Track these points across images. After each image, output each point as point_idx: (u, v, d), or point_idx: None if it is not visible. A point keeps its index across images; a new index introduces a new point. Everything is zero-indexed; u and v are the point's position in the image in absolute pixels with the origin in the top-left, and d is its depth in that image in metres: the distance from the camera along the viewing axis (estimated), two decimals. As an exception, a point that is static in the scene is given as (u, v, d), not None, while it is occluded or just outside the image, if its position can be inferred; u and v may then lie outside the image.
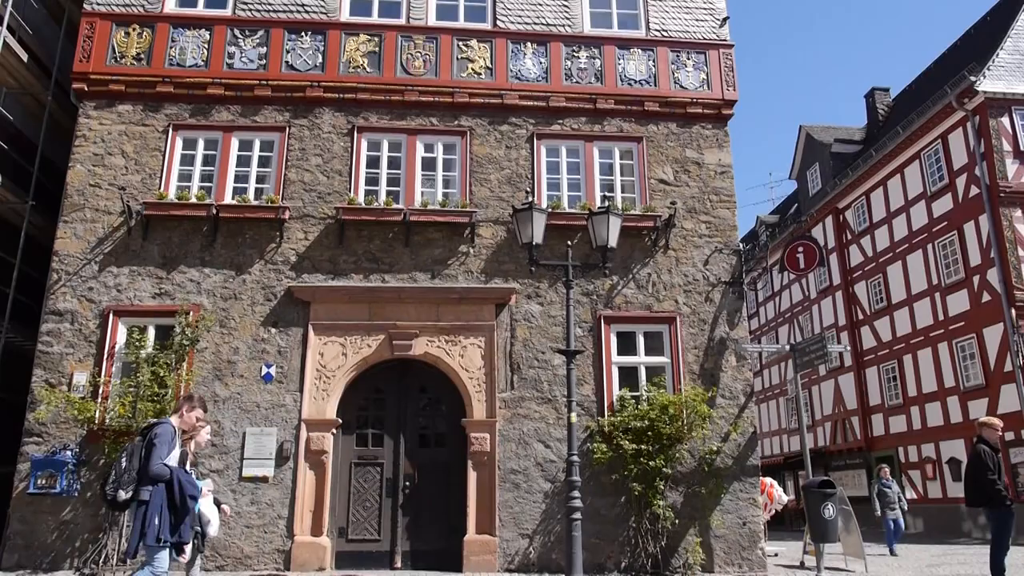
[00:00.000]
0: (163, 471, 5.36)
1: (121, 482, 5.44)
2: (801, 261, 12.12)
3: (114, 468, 5.51)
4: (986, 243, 18.00)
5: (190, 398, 5.99)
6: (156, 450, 5.38)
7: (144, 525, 5.29)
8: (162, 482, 5.37)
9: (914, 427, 20.73)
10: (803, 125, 28.50)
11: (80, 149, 10.93)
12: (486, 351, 10.57)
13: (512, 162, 11.46)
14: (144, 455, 5.44)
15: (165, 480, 5.38)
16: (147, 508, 5.31)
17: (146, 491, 5.35)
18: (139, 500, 5.37)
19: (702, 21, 12.52)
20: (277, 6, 11.79)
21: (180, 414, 5.85)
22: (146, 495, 5.34)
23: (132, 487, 5.42)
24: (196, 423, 6.04)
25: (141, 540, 5.30)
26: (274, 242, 10.77)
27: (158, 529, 5.30)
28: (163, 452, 5.40)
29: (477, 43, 11.88)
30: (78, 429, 9.70)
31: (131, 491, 5.42)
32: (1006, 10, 21.03)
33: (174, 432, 5.61)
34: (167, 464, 5.40)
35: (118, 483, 5.44)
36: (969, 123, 18.68)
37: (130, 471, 5.45)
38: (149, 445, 5.43)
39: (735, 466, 10.51)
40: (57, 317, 10.20)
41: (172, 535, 5.39)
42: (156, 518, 5.31)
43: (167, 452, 5.43)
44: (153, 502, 5.33)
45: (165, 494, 5.38)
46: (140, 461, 5.45)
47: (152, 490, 5.35)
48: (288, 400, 10.15)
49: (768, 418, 29.65)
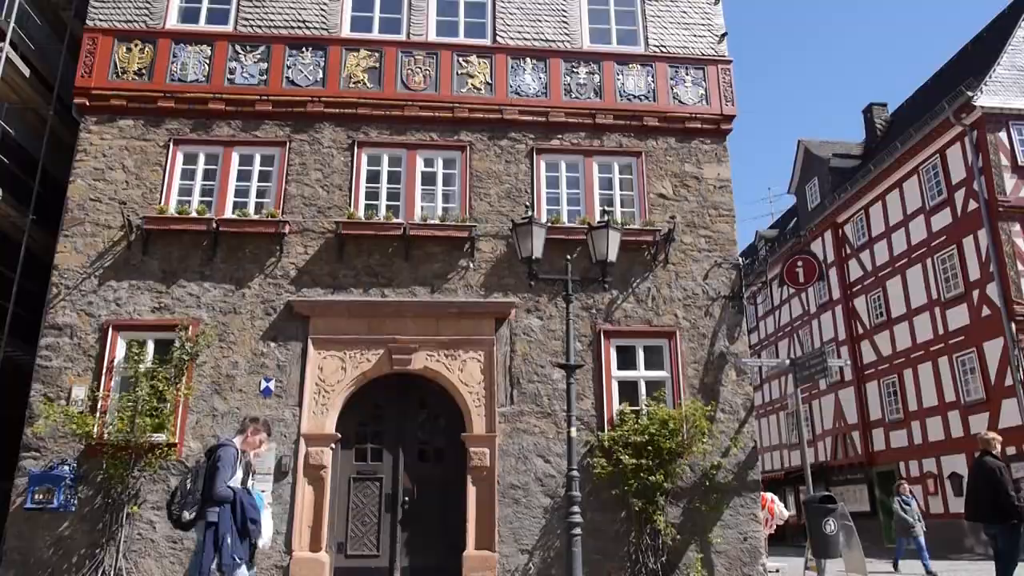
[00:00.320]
0: (227, 494, 5.58)
1: (186, 503, 5.65)
2: (801, 275, 12.12)
3: (179, 488, 5.74)
4: (985, 257, 18.02)
5: (256, 420, 6.27)
6: (220, 473, 5.60)
7: (218, 545, 5.51)
8: (226, 504, 5.58)
9: (915, 442, 20.67)
10: (801, 140, 28.61)
11: (81, 164, 10.97)
12: (486, 365, 10.55)
13: (512, 177, 11.50)
14: (208, 477, 5.63)
15: (228, 502, 5.59)
16: (217, 528, 5.53)
17: (213, 512, 5.56)
18: (208, 521, 5.57)
19: (700, 37, 12.60)
20: (278, 22, 11.87)
21: (245, 435, 6.06)
22: (214, 516, 5.55)
23: (196, 508, 5.63)
24: (259, 445, 6.25)
25: (218, 559, 5.49)
26: (274, 256, 10.78)
27: (231, 548, 5.54)
28: (227, 475, 5.62)
29: (477, 59, 11.95)
30: (76, 444, 9.66)
31: (195, 512, 5.63)
32: (1003, 26, 21.17)
33: (237, 454, 5.81)
34: (231, 486, 5.61)
35: (183, 503, 5.66)
36: (967, 138, 18.75)
37: (195, 492, 5.66)
38: (213, 467, 5.64)
39: (736, 481, 10.46)
40: (56, 331, 10.19)
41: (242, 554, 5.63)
42: (228, 537, 5.54)
43: (231, 474, 5.65)
44: (223, 523, 5.55)
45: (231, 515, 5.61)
46: (205, 483, 5.65)
47: (220, 511, 5.57)
48: (287, 415, 10.12)
49: (768, 433, 29.55)
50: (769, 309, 30.41)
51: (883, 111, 26.71)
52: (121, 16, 11.63)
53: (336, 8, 12.05)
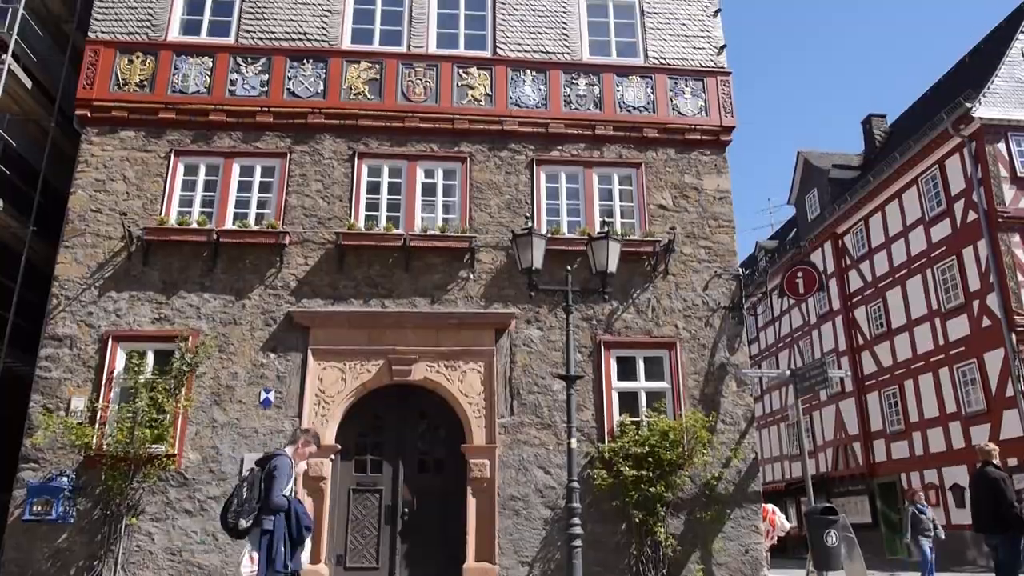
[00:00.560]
0: (283, 503, 5.72)
1: (243, 511, 5.74)
2: (801, 286, 12.12)
3: (235, 497, 5.82)
4: (985, 268, 18.02)
5: (306, 431, 6.37)
6: (276, 482, 5.72)
7: (271, 553, 5.64)
8: (281, 512, 5.71)
9: (916, 453, 20.60)
10: (801, 151, 28.66)
11: (82, 175, 10.99)
12: (486, 376, 10.53)
13: (512, 188, 11.52)
14: (265, 486, 5.75)
15: (283, 511, 5.73)
16: (272, 537, 5.66)
17: (269, 520, 5.68)
18: (263, 529, 5.68)
19: (700, 49, 12.66)
20: (279, 34, 11.93)
21: (296, 446, 6.17)
22: (269, 524, 5.67)
23: (252, 516, 5.72)
24: (309, 456, 6.38)
25: (269, 567, 5.61)
26: (274, 267, 10.79)
27: (284, 556, 5.67)
28: (283, 484, 5.75)
29: (477, 70, 12.00)
30: (75, 455, 9.63)
31: (251, 520, 5.72)
32: (1000, 38, 21.27)
33: (292, 464, 5.94)
34: (286, 496, 5.75)
35: (240, 512, 5.74)
36: (966, 149, 18.80)
37: (251, 501, 5.75)
38: (269, 477, 5.76)
39: (736, 492, 10.43)
40: (56, 342, 10.19)
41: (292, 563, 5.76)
42: (281, 546, 5.68)
43: (286, 483, 5.78)
44: (277, 532, 5.69)
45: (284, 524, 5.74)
46: (260, 492, 5.75)
47: (275, 520, 5.69)
48: (287, 426, 10.10)
49: (769, 444, 29.47)
50: (769, 320, 30.39)
51: (882, 122, 26.79)
52: (123, 28, 11.69)
53: (337, 20, 12.11)
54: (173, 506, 9.65)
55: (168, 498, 9.66)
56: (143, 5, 11.87)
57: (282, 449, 6.16)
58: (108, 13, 11.75)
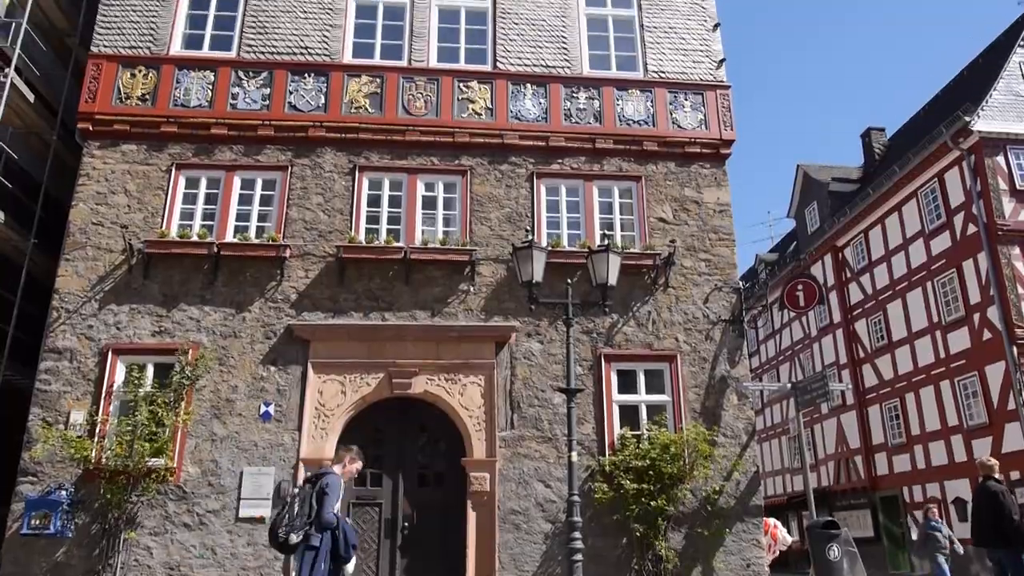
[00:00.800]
0: (333, 520, 5.88)
1: (293, 526, 5.87)
2: (801, 299, 12.12)
3: (286, 512, 5.94)
4: (985, 281, 18.03)
5: (350, 449, 6.52)
6: (328, 499, 5.87)
7: (312, 570, 5.79)
8: (330, 529, 5.86)
9: (918, 466, 20.53)
10: (800, 164, 28.74)
11: (83, 188, 11.02)
12: (486, 389, 10.51)
13: (512, 201, 11.55)
14: (317, 503, 5.88)
15: (332, 528, 5.87)
16: (317, 554, 5.81)
17: (316, 537, 5.82)
18: (309, 545, 5.81)
19: (699, 63, 12.72)
20: (281, 48, 11.99)
21: (343, 464, 6.35)
22: (316, 541, 5.82)
23: (302, 532, 5.84)
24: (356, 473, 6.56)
25: None
26: (275, 280, 10.79)
27: (325, 573, 5.83)
28: (333, 501, 5.90)
29: (478, 84, 12.05)
30: (74, 468, 9.58)
31: (301, 535, 5.84)
32: (998, 53, 21.39)
33: (341, 483, 6.11)
34: (335, 513, 5.90)
35: (291, 527, 5.87)
36: (965, 162, 18.86)
37: (302, 516, 5.88)
38: (320, 494, 5.90)
39: (738, 506, 10.38)
40: (56, 355, 10.17)
41: None
42: (323, 563, 5.83)
43: (336, 501, 5.93)
44: (322, 549, 5.84)
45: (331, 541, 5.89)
46: (311, 508, 5.88)
47: (321, 537, 5.83)
48: (286, 439, 10.07)
49: (771, 457, 29.36)
50: (770, 333, 30.36)
51: (881, 136, 26.89)
52: (126, 43, 11.75)
53: (338, 35, 12.18)
54: (172, 520, 9.60)
55: (167, 512, 9.62)
56: (146, 19, 11.94)
57: (331, 468, 6.28)
58: (111, 27, 11.83)
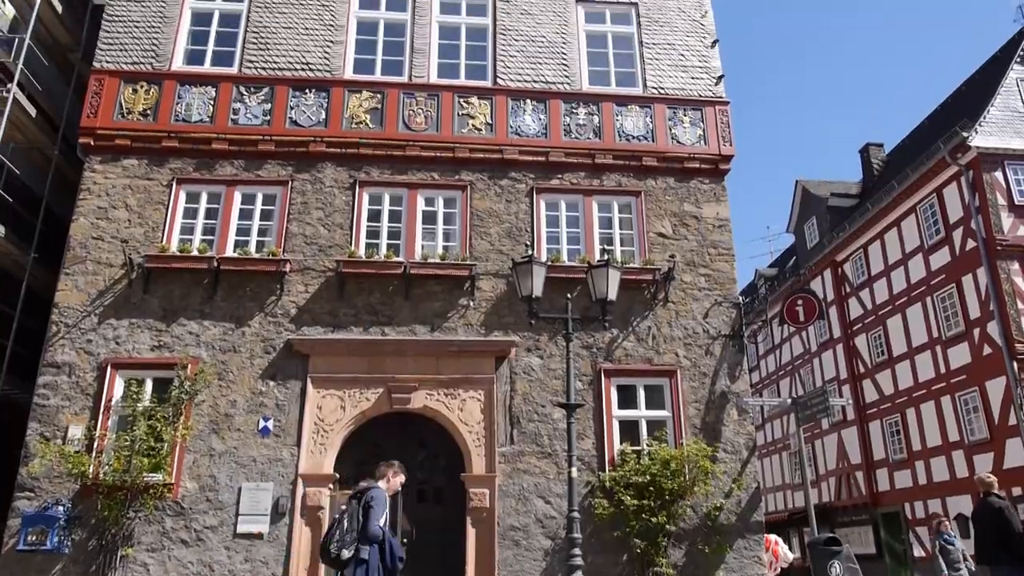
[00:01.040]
0: (379, 533, 6.02)
1: (344, 542, 6.02)
2: (801, 314, 12.11)
3: (336, 528, 6.10)
4: (985, 296, 18.02)
5: (392, 464, 6.62)
6: (374, 512, 6.02)
7: None
8: (376, 543, 6.00)
9: (919, 482, 20.42)
10: (799, 179, 28.79)
11: (84, 202, 11.04)
12: (485, 405, 10.49)
13: (512, 216, 11.57)
14: (363, 517, 6.04)
15: (379, 541, 6.01)
16: (367, 567, 5.96)
17: (365, 550, 5.97)
18: (359, 559, 5.97)
19: (698, 79, 12.79)
20: (282, 64, 12.06)
21: (387, 479, 6.46)
22: (365, 554, 5.98)
23: (353, 547, 5.99)
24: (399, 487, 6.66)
25: None
26: (274, 295, 10.79)
27: None
28: (379, 515, 6.05)
29: (478, 100, 12.11)
30: (71, 484, 9.54)
31: (352, 550, 5.99)
32: (995, 68, 21.48)
33: (386, 496, 6.25)
34: (381, 527, 6.03)
35: (342, 543, 6.01)
36: (963, 178, 18.89)
37: (351, 531, 6.04)
38: (366, 508, 6.06)
39: (739, 523, 10.32)
40: (55, 369, 10.15)
41: None
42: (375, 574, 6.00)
43: (382, 514, 6.07)
44: (372, 561, 6.00)
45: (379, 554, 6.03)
46: (358, 523, 6.04)
47: (370, 550, 5.98)
48: (285, 454, 10.03)
49: (771, 473, 29.22)
50: (770, 348, 30.31)
51: (879, 151, 26.96)
52: (128, 58, 11.82)
53: (339, 51, 12.25)
54: (169, 536, 9.54)
55: (164, 528, 9.56)
56: (148, 36, 12.02)
57: (375, 483, 6.40)
58: (113, 43, 11.90)
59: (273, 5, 12.51)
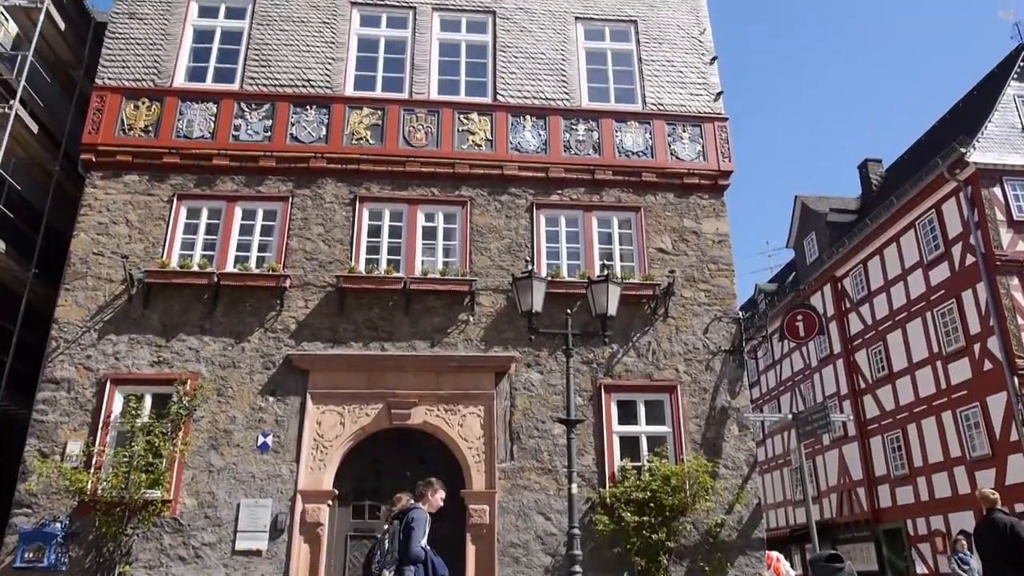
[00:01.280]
0: (421, 553, 6.09)
1: (385, 562, 6.13)
2: (801, 329, 12.12)
3: (378, 549, 6.26)
4: (985, 311, 18.01)
5: (430, 483, 6.68)
6: (415, 533, 6.08)
7: None
8: (419, 563, 6.08)
9: (922, 498, 20.32)
10: (798, 195, 28.86)
11: (85, 218, 11.06)
12: (485, 420, 10.46)
13: (512, 231, 11.59)
14: (404, 537, 6.10)
15: (421, 561, 6.09)
16: None
17: (409, 571, 6.05)
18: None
19: (697, 95, 12.87)
20: (283, 81, 12.13)
21: (426, 498, 6.52)
22: (410, 574, 6.04)
23: (394, 568, 6.08)
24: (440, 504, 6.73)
25: None
26: (274, 310, 10.79)
27: None
28: (420, 535, 6.11)
29: (478, 116, 12.17)
30: (69, 500, 9.50)
31: (393, 571, 6.08)
32: (992, 85, 21.61)
33: (427, 517, 6.31)
34: (423, 547, 6.13)
35: (383, 563, 6.13)
36: (962, 193, 18.94)
37: (392, 552, 6.14)
38: (407, 529, 6.13)
39: (740, 539, 10.27)
40: (54, 385, 10.13)
41: None
42: None
43: (423, 535, 6.13)
44: None
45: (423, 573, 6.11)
46: (400, 543, 6.11)
47: (414, 570, 6.06)
48: (284, 470, 9.99)
49: (772, 489, 29.08)
50: (770, 363, 30.25)
51: (878, 167, 27.05)
52: (130, 75, 11.89)
53: (340, 68, 12.33)
54: (167, 553, 9.48)
55: (162, 545, 9.50)
56: (150, 53, 12.09)
57: (414, 503, 6.48)
58: (115, 60, 11.97)
59: (275, 22, 12.61)
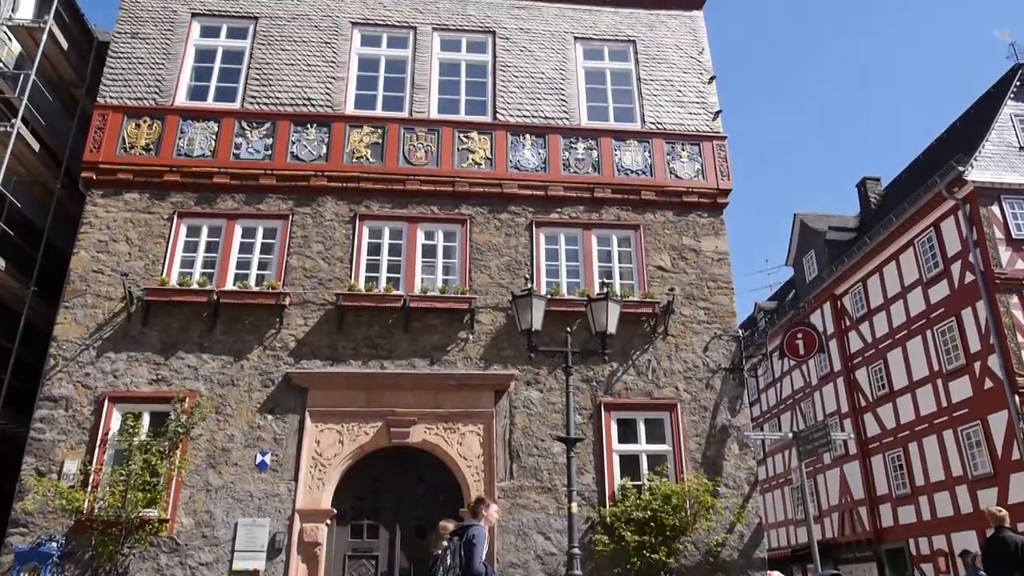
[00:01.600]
0: (483, 570, 6.26)
1: None
2: (801, 347, 12.09)
3: (439, 565, 6.40)
4: (985, 329, 17.99)
5: (481, 500, 6.87)
6: (476, 550, 6.25)
7: None
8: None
9: (923, 517, 20.18)
10: (797, 213, 28.93)
11: (85, 236, 11.08)
12: (485, 439, 10.41)
13: (511, 249, 11.61)
14: (465, 555, 6.27)
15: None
16: None
17: None
18: None
19: (695, 114, 12.94)
20: (284, 100, 12.20)
21: (481, 516, 6.67)
22: None
23: None
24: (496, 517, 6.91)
25: None
26: (274, 328, 10.78)
27: None
28: (481, 552, 6.28)
29: (477, 135, 12.23)
30: (65, 519, 9.42)
31: None
32: (989, 104, 21.74)
33: (486, 533, 6.46)
34: (484, 563, 6.29)
35: None
36: (960, 211, 18.99)
37: (454, 568, 6.29)
38: (469, 546, 6.29)
39: (741, 559, 10.18)
40: (51, 403, 10.09)
41: None
42: None
43: (483, 552, 6.24)
44: None
45: None
46: (461, 560, 6.25)
47: None
48: (282, 489, 9.93)
49: (773, 508, 28.89)
50: (770, 381, 30.16)
51: (877, 185, 27.14)
52: (132, 94, 11.96)
53: (341, 87, 12.40)
54: (164, 573, 9.40)
55: (159, 564, 9.42)
56: (152, 72, 12.17)
57: (474, 520, 6.61)
58: (117, 79, 12.05)
59: (276, 42, 12.70)
